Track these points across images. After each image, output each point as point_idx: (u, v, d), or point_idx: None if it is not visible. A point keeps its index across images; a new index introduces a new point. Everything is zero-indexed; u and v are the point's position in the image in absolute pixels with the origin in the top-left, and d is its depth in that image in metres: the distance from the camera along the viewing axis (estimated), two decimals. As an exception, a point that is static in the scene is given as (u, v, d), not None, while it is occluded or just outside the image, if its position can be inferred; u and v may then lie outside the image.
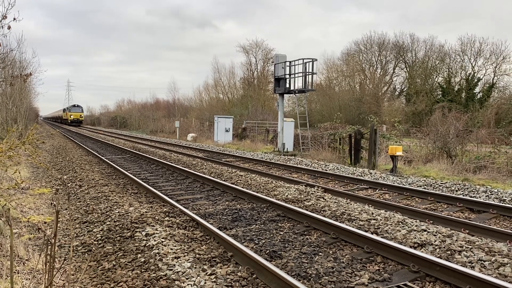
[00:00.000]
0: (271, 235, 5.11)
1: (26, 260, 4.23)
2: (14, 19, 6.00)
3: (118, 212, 6.16)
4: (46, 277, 2.59)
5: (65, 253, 4.63)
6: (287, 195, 7.51)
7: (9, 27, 6.02)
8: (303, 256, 4.37)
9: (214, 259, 4.22)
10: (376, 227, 5.35)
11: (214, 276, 3.74)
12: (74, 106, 61.30)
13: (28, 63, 20.51)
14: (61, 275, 3.89)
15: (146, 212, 6.03)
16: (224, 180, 9.30)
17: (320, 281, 3.71)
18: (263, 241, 4.87)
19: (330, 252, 4.55)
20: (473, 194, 8.08)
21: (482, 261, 4.06)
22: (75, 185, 9.01)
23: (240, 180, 9.44)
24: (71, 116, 58.71)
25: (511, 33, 59.27)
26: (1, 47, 8.42)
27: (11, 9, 6.24)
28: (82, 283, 3.81)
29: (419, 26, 70.06)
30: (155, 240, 4.71)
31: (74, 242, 4.97)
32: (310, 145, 18.77)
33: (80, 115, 60.71)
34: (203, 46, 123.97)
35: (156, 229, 5.14)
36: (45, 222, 5.93)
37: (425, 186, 8.97)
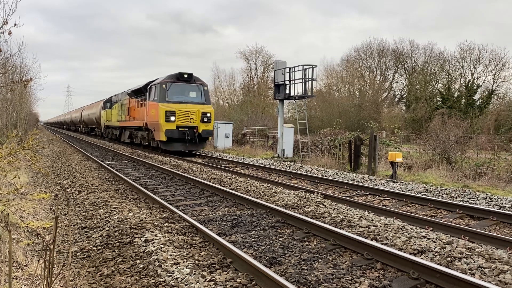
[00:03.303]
0: (271, 242, 5.10)
1: (25, 265, 4.21)
2: (15, 24, 6.00)
3: (117, 217, 6.14)
4: (45, 283, 2.59)
5: (64, 259, 4.62)
6: (286, 201, 7.50)
7: (10, 33, 6.02)
8: (302, 262, 4.35)
9: (213, 265, 4.21)
10: (376, 233, 5.33)
11: (213, 282, 3.73)
12: (178, 79, 17.46)
13: (29, 68, 20.56)
14: (60, 281, 3.87)
15: (145, 218, 6.01)
16: (223, 186, 9.28)
17: (319, 287, 3.70)
18: (263, 247, 4.85)
19: (330, 258, 4.54)
20: (473, 200, 8.08)
21: (482, 268, 4.05)
22: (75, 190, 9.00)
23: (239, 186, 9.42)
24: (172, 117, 16.63)
25: (511, 40, 59.53)
26: (2, 52, 8.45)
27: (12, 15, 6.26)
28: (80, 289, 3.79)
29: (419, 32, 70.47)
30: (154, 246, 4.69)
31: (73, 248, 4.96)
32: (310, 151, 18.78)
33: (207, 115, 17.57)
34: (203, 52, 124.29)
35: (155, 235, 5.13)
36: (44, 228, 5.91)
37: (424, 193, 8.96)
